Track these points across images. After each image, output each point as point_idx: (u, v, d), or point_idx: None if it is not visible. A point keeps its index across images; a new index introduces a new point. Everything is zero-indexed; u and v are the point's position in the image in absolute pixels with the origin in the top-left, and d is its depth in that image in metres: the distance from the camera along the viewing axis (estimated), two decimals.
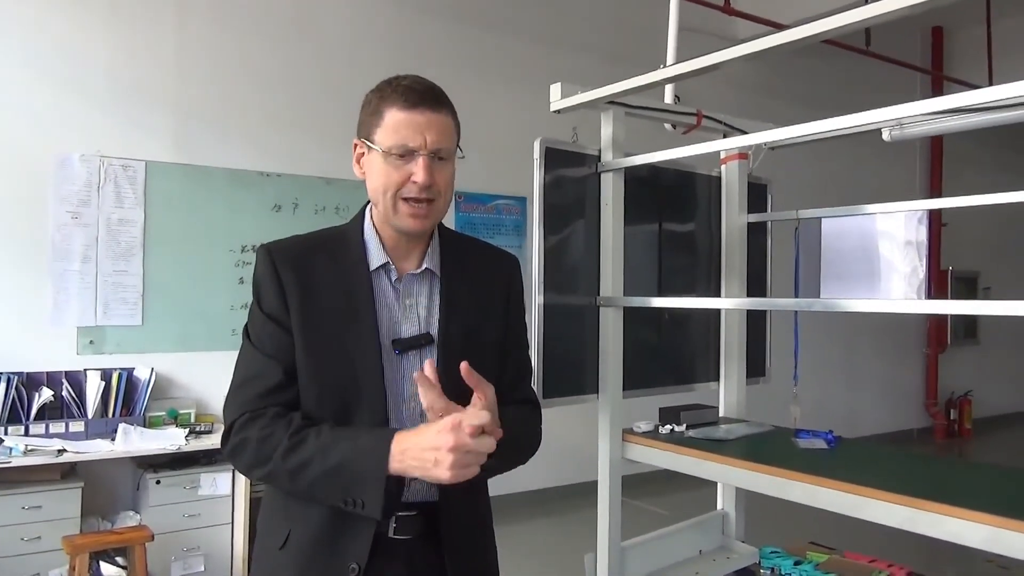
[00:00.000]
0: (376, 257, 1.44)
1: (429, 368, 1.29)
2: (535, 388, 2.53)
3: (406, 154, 1.36)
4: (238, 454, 1.37)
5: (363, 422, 1.36)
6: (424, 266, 1.45)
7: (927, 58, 8.53)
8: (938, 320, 8.89)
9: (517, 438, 1.45)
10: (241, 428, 1.36)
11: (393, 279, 1.44)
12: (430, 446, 1.22)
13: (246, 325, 1.45)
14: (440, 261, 1.48)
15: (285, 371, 1.38)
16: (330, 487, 1.29)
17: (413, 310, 1.44)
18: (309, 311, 1.39)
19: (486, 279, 1.52)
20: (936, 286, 8.53)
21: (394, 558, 1.37)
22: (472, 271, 1.51)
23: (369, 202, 1.47)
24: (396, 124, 1.35)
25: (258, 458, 1.34)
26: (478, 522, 1.51)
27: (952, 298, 8.37)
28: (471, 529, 1.47)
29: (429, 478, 1.24)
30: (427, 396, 1.27)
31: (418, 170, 1.35)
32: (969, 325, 9.52)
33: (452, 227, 5.92)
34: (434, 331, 1.43)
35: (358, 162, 1.44)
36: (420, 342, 1.41)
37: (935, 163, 8.85)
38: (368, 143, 1.40)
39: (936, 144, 8.72)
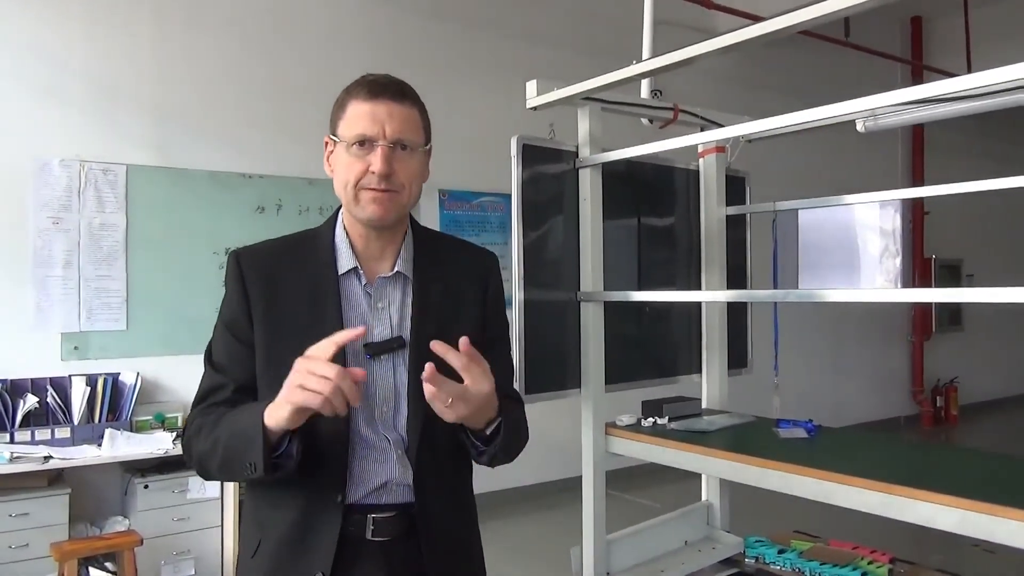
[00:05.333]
0: (345, 261, 1.42)
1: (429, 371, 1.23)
2: (517, 384, 2.56)
3: (365, 143, 1.34)
4: (188, 460, 1.41)
5: (325, 431, 1.33)
6: (396, 269, 1.43)
7: (907, 48, 8.57)
8: (923, 308, 8.95)
9: (518, 426, 1.45)
10: (187, 436, 1.40)
11: (364, 283, 1.42)
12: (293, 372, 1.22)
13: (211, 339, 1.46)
14: (413, 262, 1.45)
15: (237, 388, 1.38)
16: (232, 458, 1.30)
17: (385, 313, 1.41)
18: (274, 318, 1.39)
19: (461, 279, 1.49)
20: (919, 274, 8.60)
21: (372, 561, 1.34)
22: (446, 271, 1.47)
23: (342, 205, 1.44)
24: (357, 115, 1.35)
25: (192, 452, 1.38)
26: (461, 522, 1.48)
27: (936, 286, 8.44)
28: (453, 530, 1.43)
29: (291, 403, 1.21)
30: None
31: (376, 159, 1.33)
32: (953, 312, 9.58)
33: (437, 225, 5.89)
34: (407, 334, 1.40)
35: (327, 160, 1.43)
36: (392, 346, 1.38)
37: (916, 152, 8.90)
38: (333, 137, 1.39)
39: (917, 133, 8.77)
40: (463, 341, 1.25)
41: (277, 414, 1.23)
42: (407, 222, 1.48)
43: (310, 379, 1.18)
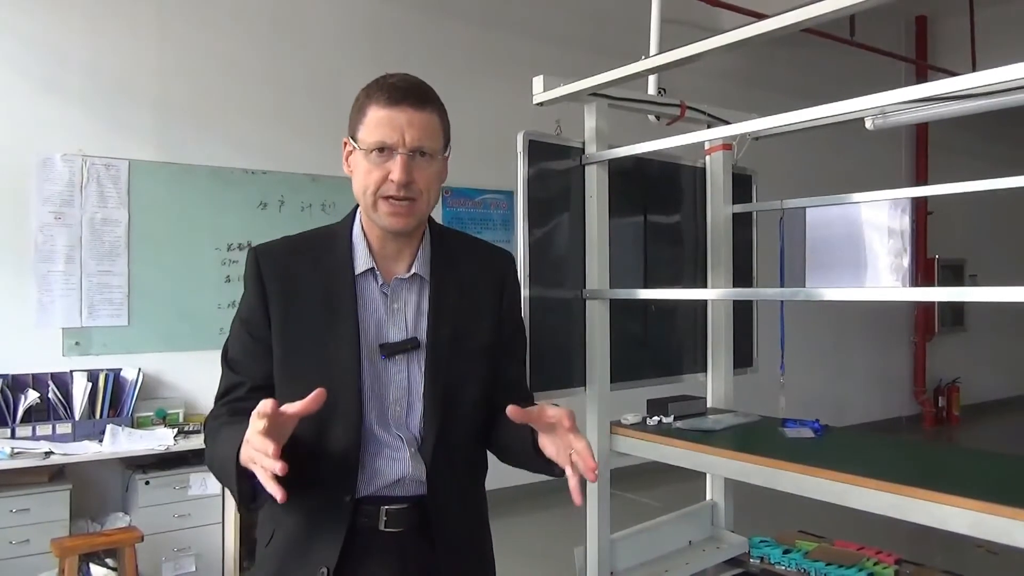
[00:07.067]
0: (362, 261, 1.42)
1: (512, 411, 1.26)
2: None
3: (384, 151, 1.34)
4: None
5: (337, 429, 1.36)
6: (412, 271, 1.43)
7: (911, 47, 8.55)
8: (925, 308, 8.94)
9: None
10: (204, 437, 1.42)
11: (380, 283, 1.43)
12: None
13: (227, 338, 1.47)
14: (430, 264, 1.45)
15: (252, 387, 1.39)
16: (221, 477, 1.31)
17: (401, 314, 1.42)
18: (290, 316, 1.40)
19: (478, 280, 1.50)
20: (923, 274, 8.58)
21: (385, 552, 1.37)
22: (463, 272, 1.48)
23: (359, 204, 1.45)
24: (377, 121, 1.34)
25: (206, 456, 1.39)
26: (472, 516, 1.49)
27: (939, 286, 8.42)
28: (464, 523, 1.46)
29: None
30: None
31: (395, 168, 1.33)
32: (956, 312, 9.56)
33: (439, 222, 5.87)
34: (422, 336, 1.41)
35: (346, 160, 1.43)
36: (407, 347, 1.40)
37: (920, 151, 8.88)
38: (353, 141, 1.39)
39: (921, 132, 8.76)
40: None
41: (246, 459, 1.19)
42: (425, 223, 1.48)
43: (256, 457, 1.15)
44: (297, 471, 1.14)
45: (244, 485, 1.23)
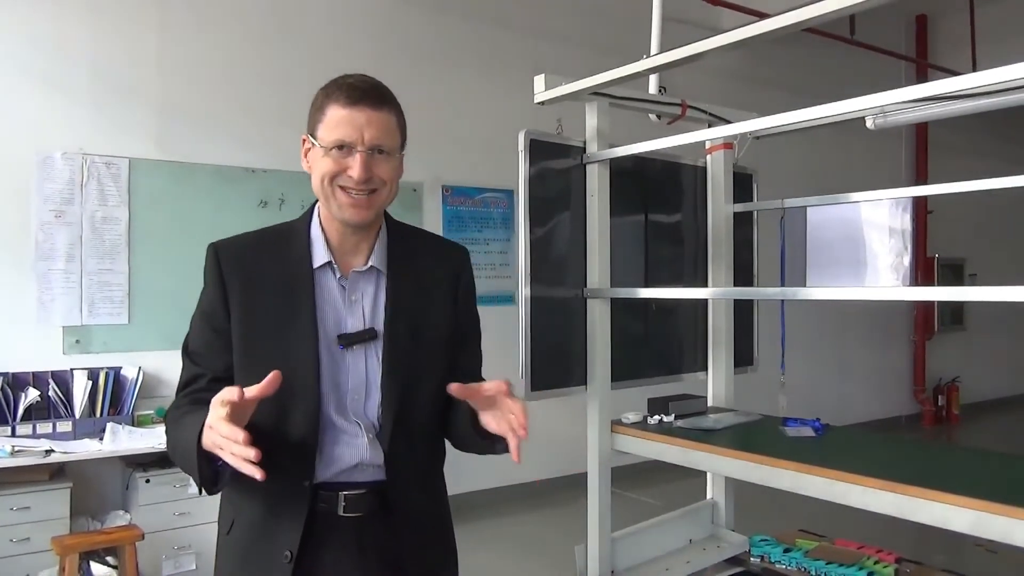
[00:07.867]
0: (320, 255, 1.46)
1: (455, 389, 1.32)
2: (523, 381, 2.55)
3: (344, 148, 1.38)
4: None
5: (295, 417, 1.39)
6: (370, 264, 1.47)
7: (911, 46, 8.55)
8: (925, 307, 8.94)
9: None
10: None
11: (338, 276, 1.46)
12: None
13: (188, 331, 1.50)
14: (387, 257, 1.49)
15: (213, 378, 1.43)
16: (183, 464, 1.34)
17: (358, 306, 1.46)
18: (250, 309, 1.43)
19: (433, 273, 1.54)
20: (922, 273, 8.57)
21: (344, 537, 1.40)
22: (419, 266, 1.52)
23: (318, 200, 1.48)
24: (336, 120, 1.38)
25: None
26: (432, 502, 1.54)
27: (938, 285, 8.42)
28: (424, 508, 1.50)
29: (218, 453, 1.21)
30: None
31: (355, 165, 1.37)
32: (956, 312, 9.56)
33: (439, 220, 5.82)
34: (379, 327, 1.45)
35: (305, 157, 1.46)
36: (364, 337, 1.43)
37: (920, 151, 8.88)
38: (312, 139, 1.42)
39: (921, 132, 8.75)
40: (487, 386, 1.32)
41: (209, 444, 1.23)
42: (382, 218, 1.52)
43: (223, 444, 1.19)
44: (259, 458, 1.17)
45: (206, 469, 1.27)
